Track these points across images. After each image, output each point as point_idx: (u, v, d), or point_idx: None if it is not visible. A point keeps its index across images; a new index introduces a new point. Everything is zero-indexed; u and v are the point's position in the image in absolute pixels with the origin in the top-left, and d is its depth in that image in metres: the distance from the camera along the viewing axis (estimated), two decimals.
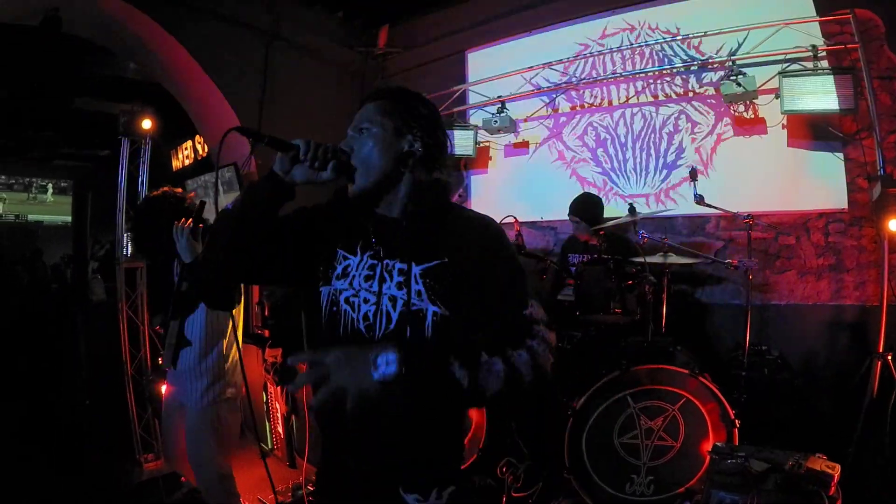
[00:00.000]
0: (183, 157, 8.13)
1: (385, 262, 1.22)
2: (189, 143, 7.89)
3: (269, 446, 3.85)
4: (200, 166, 7.40)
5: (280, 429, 3.70)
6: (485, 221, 1.29)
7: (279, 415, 3.68)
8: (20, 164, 11.56)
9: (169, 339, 2.71)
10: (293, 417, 3.53)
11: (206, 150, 6.76)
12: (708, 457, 1.95)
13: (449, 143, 1.34)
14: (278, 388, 3.58)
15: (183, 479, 2.77)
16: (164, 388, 3.09)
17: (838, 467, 1.76)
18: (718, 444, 2.04)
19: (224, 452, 2.66)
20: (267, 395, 3.82)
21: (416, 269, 1.20)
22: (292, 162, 1.18)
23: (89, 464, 3.63)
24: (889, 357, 2.82)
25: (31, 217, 12.47)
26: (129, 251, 3.76)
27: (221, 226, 1.25)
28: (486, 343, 1.13)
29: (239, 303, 2.72)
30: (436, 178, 1.31)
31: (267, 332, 4.05)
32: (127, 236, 3.78)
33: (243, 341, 3.77)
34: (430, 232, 1.23)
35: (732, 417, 2.38)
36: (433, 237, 1.23)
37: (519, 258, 1.29)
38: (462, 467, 1.35)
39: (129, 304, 3.74)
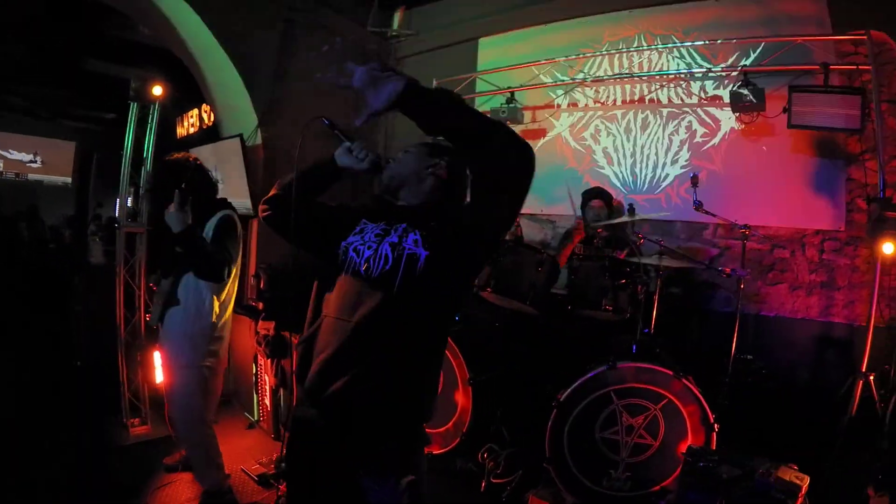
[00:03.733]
0: (188, 124, 8.07)
1: (394, 225, 1.52)
2: (195, 111, 7.81)
3: (255, 418, 3.89)
4: (206, 135, 7.36)
5: (267, 401, 3.74)
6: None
7: (267, 387, 3.71)
8: (27, 121, 11.47)
9: (158, 296, 2.75)
10: (281, 390, 3.56)
11: (213, 119, 6.73)
12: (683, 458, 1.98)
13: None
14: (269, 360, 3.60)
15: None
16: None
17: (807, 479, 1.79)
18: (693, 446, 2.08)
19: (208, 413, 2.71)
20: (256, 367, 3.85)
21: (415, 230, 1.47)
22: (345, 151, 1.62)
23: (77, 423, 3.66)
24: (871, 377, 2.86)
25: (30, 176, 12.44)
26: (132, 216, 3.76)
27: (288, 179, 1.63)
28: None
29: (229, 278, 2.73)
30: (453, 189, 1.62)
31: (261, 305, 4.07)
32: (130, 199, 3.79)
33: (236, 312, 3.78)
34: (432, 211, 1.54)
35: (712, 421, 2.41)
36: (433, 214, 1.53)
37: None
38: (445, 450, 1.42)
39: (127, 269, 3.75)
